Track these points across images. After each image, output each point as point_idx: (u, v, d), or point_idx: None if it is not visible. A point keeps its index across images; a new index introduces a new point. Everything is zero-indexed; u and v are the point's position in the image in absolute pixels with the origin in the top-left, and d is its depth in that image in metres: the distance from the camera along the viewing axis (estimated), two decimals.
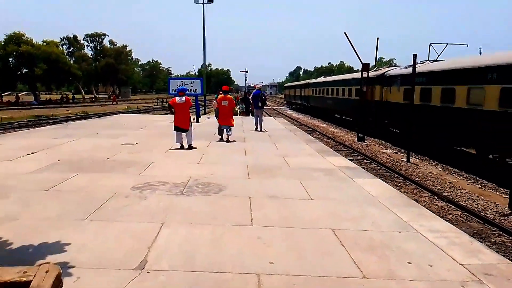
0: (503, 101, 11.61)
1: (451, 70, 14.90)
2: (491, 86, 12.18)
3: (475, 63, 13.45)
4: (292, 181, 7.58)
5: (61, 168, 8.16)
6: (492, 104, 12.07)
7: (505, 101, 11.53)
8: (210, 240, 4.53)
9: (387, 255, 4.28)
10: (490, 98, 12.17)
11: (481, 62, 13.19)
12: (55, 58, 55.74)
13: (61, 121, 24.47)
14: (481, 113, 12.63)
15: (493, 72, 12.17)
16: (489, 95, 12.21)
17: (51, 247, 4.22)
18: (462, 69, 14.06)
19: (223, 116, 13.21)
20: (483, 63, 13.02)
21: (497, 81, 11.92)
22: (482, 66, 12.85)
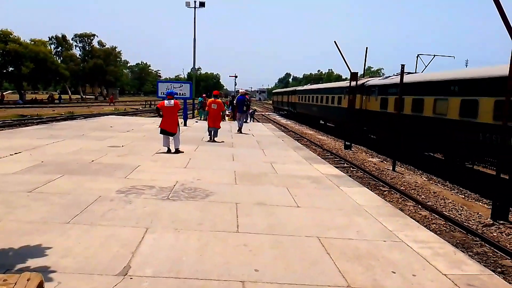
0: (462, 111, 13.15)
1: (420, 82, 16.42)
2: (453, 97, 13.76)
3: (440, 77, 14.99)
4: (280, 188, 7.58)
5: (45, 170, 8.03)
6: (454, 113, 13.58)
7: (464, 111, 13.07)
8: (196, 246, 4.49)
9: (372, 264, 4.30)
10: (453, 109, 13.66)
11: (443, 77, 14.93)
12: (42, 57, 55.08)
13: (46, 122, 24.11)
14: (445, 122, 14.09)
15: (455, 85, 13.87)
16: (452, 105, 13.73)
17: (33, 251, 4.13)
18: (429, 82, 15.63)
19: (212, 118, 13.95)
20: (445, 77, 14.69)
21: (458, 94, 13.56)
22: (445, 80, 14.53)
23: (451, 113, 13.78)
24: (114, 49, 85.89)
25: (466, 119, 12.87)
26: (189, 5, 33.09)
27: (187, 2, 33.01)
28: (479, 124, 12.22)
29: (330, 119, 30.77)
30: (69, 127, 17.64)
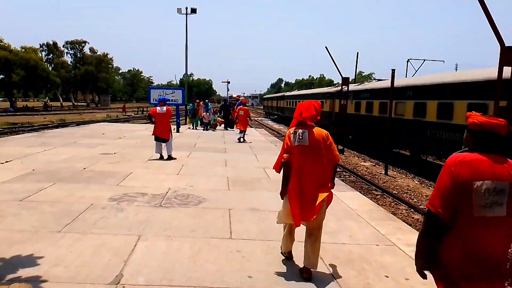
0: (415, 112, 15.49)
1: (384, 88, 18.16)
2: (408, 101, 16.25)
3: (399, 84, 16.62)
4: (273, 193, 7.57)
5: (36, 178, 7.96)
6: (410, 114, 16.00)
7: (416, 112, 15.38)
8: (189, 254, 4.47)
9: (365, 268, 4.31)
10: (408, 109, 16.03)
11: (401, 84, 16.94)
12: (33, 64, 54.78)
13: (38, 129, 23.90)
14: (403, 121, 16.33)
15: (409, 91, 16.33)
16: (408, 107, 16.19)
17: (24, 260, 4.09)
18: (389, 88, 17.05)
19: (240, 122, 16.93)
20: (400, 84, 16.67)
21: (412, 98, 15.99)
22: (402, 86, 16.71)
23: (407, 114, 16.18)
24: (106, 56, 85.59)
25: (418, 119, 15.25)
26: (180, 12, 33.14)
27: (178, 8, 33.06)
28: (427, 122, 14.68)
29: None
30: (60, 134, 17.53)
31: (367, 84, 22.88)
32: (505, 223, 2.23)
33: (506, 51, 8.52)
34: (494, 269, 2.23)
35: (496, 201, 2.22)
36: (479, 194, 2.21)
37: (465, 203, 2.23)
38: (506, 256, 2.25)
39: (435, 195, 2.33)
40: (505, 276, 2.24)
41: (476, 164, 2.26)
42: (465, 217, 2.24)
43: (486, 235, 2.23)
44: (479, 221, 2.22)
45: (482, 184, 2.21)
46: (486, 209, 2.21)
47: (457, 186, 2.24)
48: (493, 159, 2.28)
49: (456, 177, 2.25)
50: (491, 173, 2.24)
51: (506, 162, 2.31)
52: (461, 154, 2.34)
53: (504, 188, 2.22)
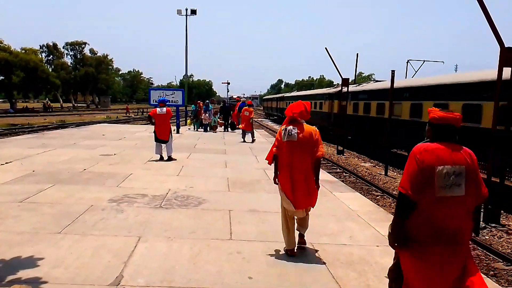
0: (412, 112, 15.86)
1: (381, 89, 18.64)
2: (405, 102, 16.46)
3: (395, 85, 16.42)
4: (272, 194, 7.56)
5: (36, 179, 7.95)
6: (406, 114, 16.30)
7: (413, 112, 15.75)
8: (189, 255, 4.47)
9: (366, 270, 4.30)
10: (405, 110, 16.36)
11: (398, 85, 16.75)
12: (33, 66, 54.78)
13: (38, 130, 23.91)
14: (400, 122, 16.54)
15: (406, 92, 16.59)
16: (404, 108, 16.41)
17: (24, 262, 4.08)
18: (387, 89, 16.89)
19: (244, 123, 17.28)
20: (397, 85, 16.39)
21: (409, 99, 16.38)
22: (399, 87, 16.58)
23: (404, 114, 16.45)
24: (106, 57, 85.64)
25: (415, 119, 15.47)
26: (180, 13, 33.17)
27: (178, 10, 33.10)
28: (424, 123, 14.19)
29: (313, 123, 32.95)
30: (60, 135, 17.53)
31: (365, 85, 23.25)
32: (463, 201, 2.62)
33: (505, 52, 8.52)
34: (452, 238, 2.62)
35: (455, 182, 2.60)
36: (440, 177, 2.59)
37: (429, 185, 2.60)
38: (463, 228, 2.66)
39: (404, 179, 2.68)
40: (460, 243, 2.65)
41: (438, 152, 2.64)
42: (428, 196, 2.61)
43: (446, 212, 2.61)
44: (440, 200, 2.60)
45: (443, 168, 2.59)
46: (446, 189, 2.60)
47: (422, 171, 2.61)
48: (451, 147, 2.67)
49: (421, 163, 2.62)
50: (450, 159, 2.63)
51: (462, 149, 2.70)
52: (424, 144, 2.73)
53: (461, 171, 2.61)
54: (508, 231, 8.62)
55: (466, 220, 2.68)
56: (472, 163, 2.68)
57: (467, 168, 2.64)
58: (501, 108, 8.67)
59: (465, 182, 2.62)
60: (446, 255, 2.62)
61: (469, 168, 2.65)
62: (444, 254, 2.62)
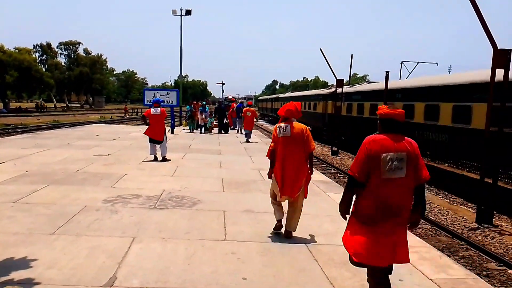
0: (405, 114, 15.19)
1: (375, 90, 18.86)
2: (397, 103, 16.02)
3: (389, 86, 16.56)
4: (267, 195, 7.56)
5: (30, 180, 7.91)
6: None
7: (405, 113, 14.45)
8: (183, 256, 4.47)
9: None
10: None
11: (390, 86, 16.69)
12: (27, 65, 54.39)
13: (31, 131, 23.75)
14: None
15: (398, 93, 16.73)
16: None
17: (18, 263, 4.06)
18: (379, 90, 17.33)
19: (247, 123, 18.06)
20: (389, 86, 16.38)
21: (401, 100, 16.36)
22: (391, 89, 16.44)
23: None
24: (100, 57, 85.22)
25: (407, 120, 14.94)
26: (175, 13, 33.07)
27: (173, 10, 32.98)
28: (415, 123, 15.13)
29: (308, 123, 33.49)
30: (54, 136, 17.43)
31: (358, 87, 23.39)
32: (405, 182, 3.20)
33: (498, 54, 8.60)
34: (396, 213, 3.21)
35: (398, 166, 3.17)
36: (385, 162, 3.16)
37: (376, 169, 3.18)
38: (405, 205, 3.24)
39: (354, 164, 3.30)
40: (401, 216, 3.25)
41: (383, 142, 3.21)
42: (376, 178, 3.20)
43: (390, 190, 3.19)
44: (385, 181, 3.18)
45: (387, 155, 3.17)
46: (390, 172, 3.16)
47: (370, 157, 3.19)
48: (395, 138, 3.23)
49: (369, 152, 3.20)
50: (393, 147, 3.19)
51: (403, 139, 3.25)
52: (373, 135, 3.31)
53: (403, 157, 3.18)
54: (500, 231, 8.70)
55: (408, 197, 3.27)
56: (412, 151, 3.23)
57: (408, 155, 3.19)
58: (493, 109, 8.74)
59: (406, 166, 3.19)
60: (390, 225, 3.23)
61: (409, 155, 3.20)
62: (387, 223, 3.23)
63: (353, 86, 24.82)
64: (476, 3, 8.70)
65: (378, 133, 3.33)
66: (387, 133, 3.28)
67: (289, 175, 5.13)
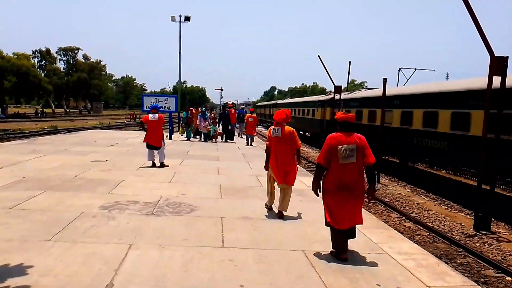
0: (403, 120, 15.89)
1: (373, 97, 18.87)
2: (396, 110, 16.48)
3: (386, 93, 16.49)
4: (265, 201, 7.58)
5: (26, 186, 7.88)
6: (397, 122, 16.28)
7: (403, 120, 15.83)
8: (180, 263, 4.44)
9: (357, 277, 4.31)
10: (396, 118, 16.38)
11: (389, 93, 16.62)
12: (25, 71, 54.45)
13: (29, 136, 23.70)
14: (391, 129, 16.47)
15: (397, 100, 16.60)
16: (395, 116, 16.46)
17: (13, 270, 4.03)
18: (378, 97, 17.34)
19: (249, 128, 19.06)
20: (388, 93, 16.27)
21: (399, 106, 16.32)
22: (389, 95, 16.49)
23: (395, 122, 16.41)
24: (99, 63, 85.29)
25: (405, 127, 15.58)
26: (174, 20, 33.17)
27: (172, 16, 33.08)
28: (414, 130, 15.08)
29: (306, 129, 33.78)
30: (51, 141, 17.39)
31: (357, 93, 23.35)
32: (356, 165, 4.65)
33: (495, 61, 8.65)
34: (351, 188, 4.65)
35: (350, 154, 4.61)
36: (340, 152, 4.61)
37: (334, 157, 4.64)
38: (356, 181, 4.66)
39: (320, 155, 4.77)
40: (355, 190, 4.68)
41: (338, 137, 4.68)
42: (334, 164, 4.67)
43: (345, 172, 4.64)
44: (342, 165, 4.63)
45: (341, 147, 4.62)
46: (344, 159, 4.61)
47: (330, 149, 4.66)
48: (347, 134, 4.70)
49: (329, 145, 4.67)
50: (346, 141, 4.64)
51: (353, 134, 4.72)
52: (333, 133, 4.77)
53: (353, 148, 4.62)
54: (498, 238, 8.69)
55: (359, 177, 4.70)
56: (360, 143, 4.67)
57: (357, 146, 4.64)
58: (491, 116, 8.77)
59: (356, 154, 4.63)
60: (346, 196, 4.68)
61: (358, 146, 4.64)
62: (345, 196, 4.67)
63: (352, 93, 24.77)
64: (473, 11, 8.76)
65: (337, 132, 4.76)
66: (342, 131, 4.73)
67: (282, 166, 6.42)
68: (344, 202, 4.66)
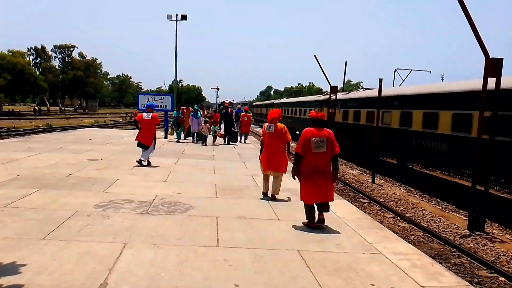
0: (402, 121, 15.75)
1: (372, 97, 18.17)
2: (395, 110, 16.42)
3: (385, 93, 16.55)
4: (261, 201, 7.59)
5: (21, 184, 7.83)
6: (396, 123, 16.17)
7: (403, 121, 15.68)
8: (175, 262, 4.43)
9: (352, 277, 4.32)
10: (395, 119, 16.29)
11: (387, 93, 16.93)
12: (20, 68, 54.16)
13: (23, 134, 23.58)
14: (390, 130, 16.43)
15: (396, 100, 16.55)
16: (394, 117, 16.40)
17: (6, 268, 4.00)
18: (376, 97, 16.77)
19: (244, 126, 19.61)
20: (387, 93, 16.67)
21: (399, 107, 16.18)
22: (388, 96, 16.79)
23: (394, 123, 16.29)
24: (95, 61, 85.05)
25: (404, 128, 15.46)
26: (170, 18, 33.17)
27: (168, 15, 33.11)
28: (413, 131, 14.94)
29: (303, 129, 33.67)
30: (46, 139, 17.28)
31: (354, 93, 23.13)
32: (325, 154, 5.86)
33: (490, 63, 8.69)
34: (321, 172, 5.85)
35: (321, 145, 5.80)
36: (313, 143, 5.79)
37: (309, 147, 5.80)
38: (326, 167, 5.89)
39: (297, 146, 5.92)
40: (325, 173, 5.88)
41: (312, 131, 5.87)
42: (309, 153, 5.83)
43: (317, 159, 5.83)
44: (314, 154, 5.81)
45: (314, 139, 5.80)
46: (316, 149, 5.79)
47: (305, 141, 5.83)
48: (319, 129, 5.90)
49: (305, 138, 5.85)
50: (318, 134, 5.83)
51: (324, 129, 5.91)
52: (307, 128, 5.96)
53: (324, 140, 5.82)
54: (492, 238, 8.75)
55: (328, 163, 5.95)
56: (329, 136, 5.89)
57: (327, 138, 5.87)
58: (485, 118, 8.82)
59: (326, 145, 5.85)
60: (318, 179, 5.86)
61: (327, 138, 5.87)
62: (317, 178, 5.86)
63: (350, 93, 24.63)
64: (469, 12, 8.80)
65: (311, 127, 5.99)
66: (315, 126, 5.97)
67: (274, 157, 7.69)
68: (315, 183, 5.87)
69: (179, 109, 19.50)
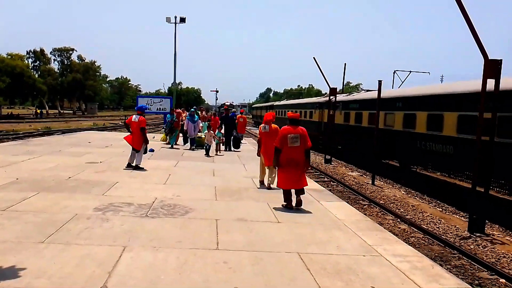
0: (405, 123, 15.44)
1: (374, 99, 17.19)
2: (398, 112, 16.02)
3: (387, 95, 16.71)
4: (260, 203, 7.58)
5: (20, 187, 7.82)
6: (399, 125, 15.85)
7: (406, 123, 15.36)
8: (175, 265, 4.42)
9: (352, 279, 4.31)
10: (398, 121, 15.97)
11: (390, 95, 16.99)
12: (19, 71, 54.08)
13: (23, 137, 23.53)
14: (393, 132, 16.28)
15: (399, 102, 16.21)
16: (397, 118, 16.08)
17: (6, 272, 3.99)
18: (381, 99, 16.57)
19: (239, 128, 18.11)
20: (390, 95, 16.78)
21: (402, 109, 15.88)
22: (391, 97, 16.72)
23: (397, 125, 15.98)
24: (94, 64, 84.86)
25: (408, 130, 15.20)
26: (169, 21, 33.20)
27: (167, 17, 33.13)
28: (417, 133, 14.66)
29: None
30: (46, 142, 17.27)
31: (356, 95, 22.89)
32: (299, 148, 7.20)
33: (489, 64, 8.70)
34: (296, 163, 7.19)
35: (296, 141, 7.16)
36: (289, 139, 7.15)
37: (285, 142, 7.16)
38: (300, 159, 7.19)
39: (276, 141, 7.30)
40: (299, 164, 7.20)
41: (288, 129, 7.25)
42: (286, 147, 7.17)
43: (293, 152, 7.18)
44: (291, 148, 7.17)
45: (290, 135, 7.16)
46: (292, 143, 7.15)
47: (283, 137, 7.20)
48: (294, 127, 7.29)
49: (283, 134, 7.24)
50: (293, 131, 7.22)
51: (298, 127, 7.34)
52: (285, 126, 7.34)
53: (298, 136, 7.19)
54: (492, 240, 8.74)
55: (302, 156, 7.17)
56: (303, 133, 7.17)
57: (300, 135, 7.14)
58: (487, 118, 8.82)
59: (300, 140, 7.12)
60: (293, 169, 7.14)
61: (301, 135, 7.14)
62: (292, 168, 7.14)
63: (350, 95, 24.42)
64: (468, 14, 8.82)
65: (288, 125, 7.25)
66: (291, 125, 7.26)
67: (269, 153, 8.32)
68: (290, 172, 7.16)
69: (173, 113, 17.81)
